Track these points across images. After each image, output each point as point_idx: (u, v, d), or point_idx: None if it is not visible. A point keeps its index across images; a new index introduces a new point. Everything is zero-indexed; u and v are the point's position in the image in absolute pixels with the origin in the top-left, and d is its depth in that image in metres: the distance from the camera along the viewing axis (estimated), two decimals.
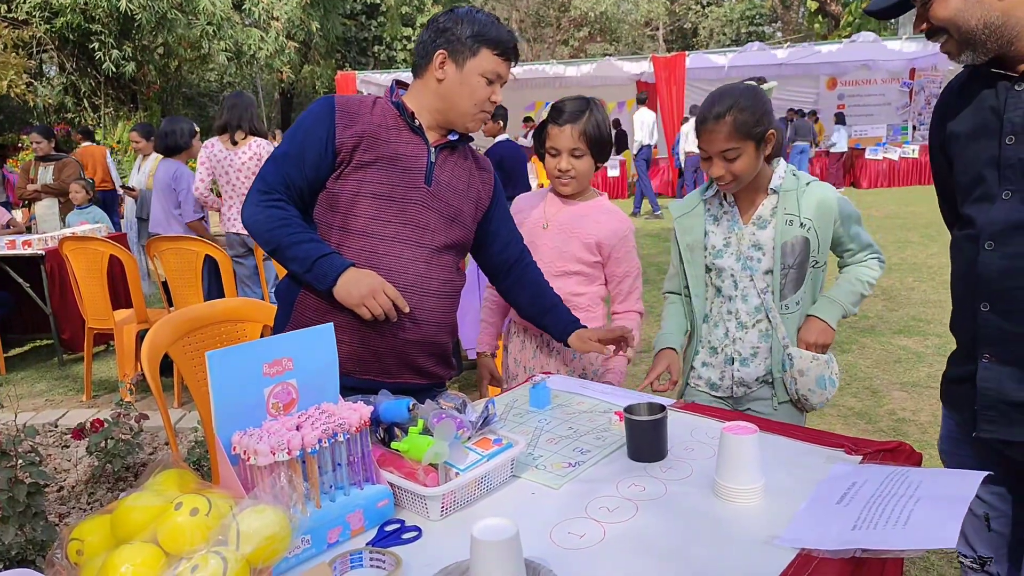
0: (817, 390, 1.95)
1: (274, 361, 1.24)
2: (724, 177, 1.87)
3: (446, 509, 1.29)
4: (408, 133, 1.79)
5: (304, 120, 1.76)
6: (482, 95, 1.77)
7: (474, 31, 1.74)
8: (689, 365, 2.10)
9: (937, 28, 1.41)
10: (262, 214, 1.70)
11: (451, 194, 1.82)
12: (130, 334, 4.45)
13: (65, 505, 3.20)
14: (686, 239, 2.06)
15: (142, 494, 1.09)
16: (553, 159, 2.12)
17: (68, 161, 6.96)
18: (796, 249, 1.92)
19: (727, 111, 1.82)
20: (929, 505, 1.12)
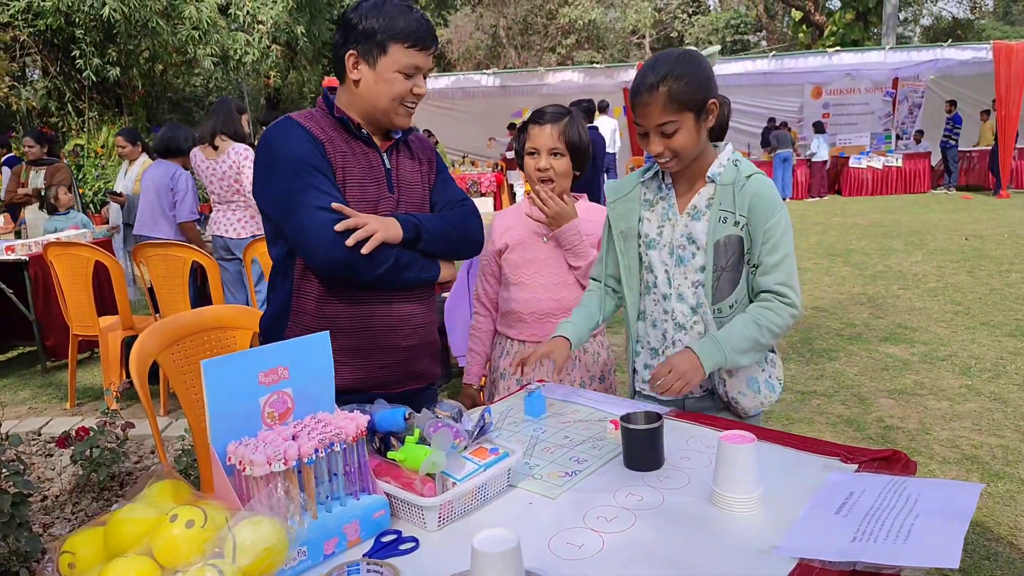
0: (748, 392, 1.78)
1: (269, 370, 1.23)
2: (663, 154, 1.71)
3: (443, 519, 1.28)
4: (360, 144, 1.76)
5: (292, 146, 1.67)
6: (400, 91, 1.70)
7: (381, 25, 1.66)
8: (631, 366, 1.96)
9: None
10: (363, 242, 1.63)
11: (412, 192, 1.83)
12: (115, 341, 4.40)
13: (49, 515, 3.15)
14: (620, 226, 1.89)
15: (135, 506, 1.07)
16: (532, 159, 2.12)
17: (60, 166, 6.89)
18: (730, 249, 1.73)
19: (661, 80, 1.64)
20: (930, 520, 1.12)
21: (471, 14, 25.28)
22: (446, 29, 24.82)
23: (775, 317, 1.71)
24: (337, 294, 1.73)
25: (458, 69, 23.11)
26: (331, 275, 1.70)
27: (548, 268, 2.15)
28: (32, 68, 15.93)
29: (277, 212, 1.70)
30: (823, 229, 10.49)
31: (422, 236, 1.75)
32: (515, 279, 2.20)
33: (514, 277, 2.20)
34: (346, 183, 1.71)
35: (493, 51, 25.94)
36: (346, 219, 1.63)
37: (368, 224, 1.64)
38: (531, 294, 2.18)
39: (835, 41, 21.82)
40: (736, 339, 1.69)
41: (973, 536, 2.66)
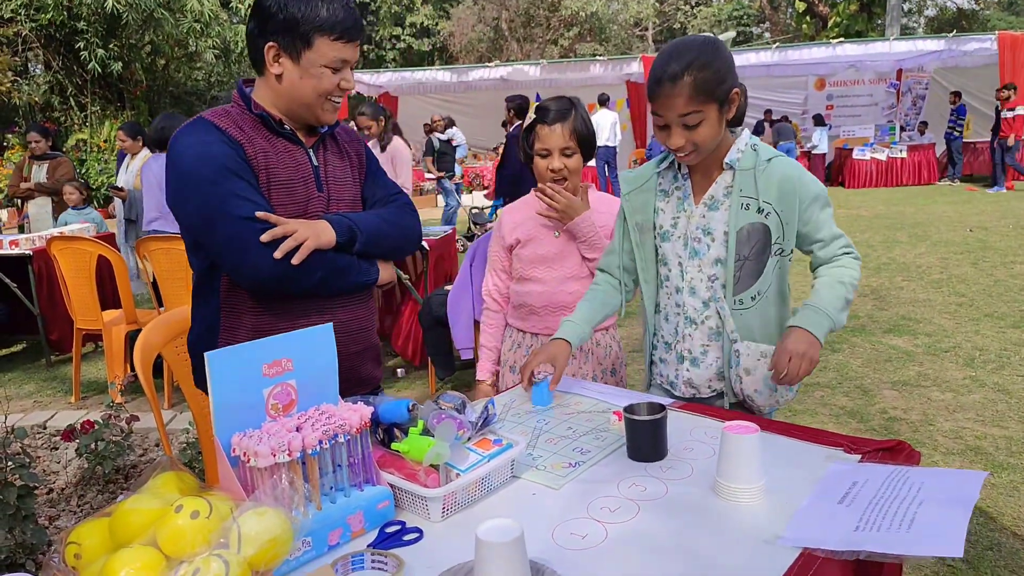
0: (765, 391, 1.74)
1: (273, 362, 1.23)
2: (684, 148, 1.65)
3: (447, 510, 1.29)
4: (283, 142, 1.64)
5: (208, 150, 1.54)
6: (328, 86, 1.59)
7: (303, 15, 1.52)
8: (649, 359, 1.94)
9: None
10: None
11: (343, 189, 1.73)
12: (119, 335, 4.41)
13: (55, 508, 3.17)
14: (636, 218, 1.85)
15: (141, 496, 1.08)
16: (544, 160, 2.08)
17: (62, 160, 6.90)
18: (754, 237, 1.68)
19: (685, 69, 1.57)
20: (933, 509, 1.12)
21: (473, 7, 25.20)
22: (448, 22, 24.75)
23: (852, 272, 1.71)
24: (271, 306, 1.62)
25: (460, 62, 23.06)
26: (261, 290, 1.58)
27: (561, 262, 2.14)
28: (34, 63, 15.93)
29: (195, 224, 1.57)
30: None
31: (357, 238, 1.64)
32: (528, 274, 2.18)
33: (527, 272, 2.18)
34: (271, 185, 1.59)
35: (495, 44, 25.87)
36: (272, 228, 1.52)
37: (297, 231, 1.53)
38: (545, 288, 2.16)
39: (839, 32, 21.73)
40: (832, 300, 1.66)
41: (977, 527, 2.66)
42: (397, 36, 23.33)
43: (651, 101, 1.66)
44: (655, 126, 1.71)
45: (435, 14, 24.36)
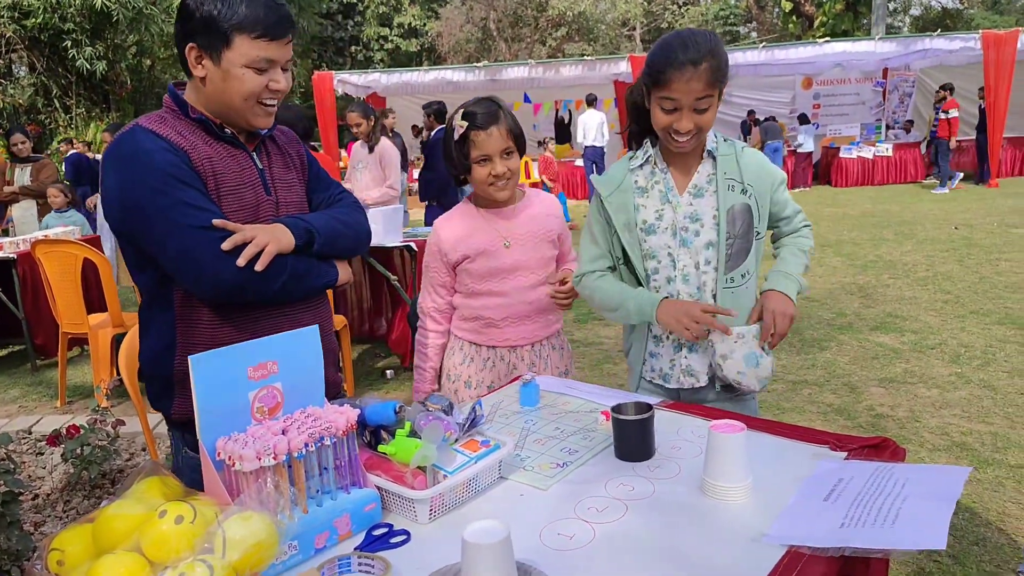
0: (748, 370, 1.78)
1: (259, 364, 1.23)
2: (692, 131, 1.72)
3: (434, 512, 1.28)
4: (225, 146, 1.57)
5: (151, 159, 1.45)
6: (253, 87, 1.50)
7: (221, 13, 1.44)
8: (640, 357, 1.96)
9: None
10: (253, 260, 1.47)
11: (289, 191, 1.68)
12: (105, 338, 4.38)
13: (40, 513, 3.14)
14: (620, 219, 1.86)
15: (124, 502, 1.07)
16: (484, 167, 1.95)
17: (46, 162, 6.84)
18: (741, 217, 1.77)
19: (705, 56, 1.64)
20: (917, 504, 1.13)
21: (461, 7, 25.19)
22: (436, 22, 24.73)
23: (809, 242, 1.94)
24: (230, 316, 1.55)
25: (448, 62, 23.03)
26: (222, 300, 1.51)
27: (517, 272, 2.05)
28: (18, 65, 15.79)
29: (144, 238, 1.48)
30: (814, 219, 10.50)
31: (315, 240, 1.59)
32: (482, 288, 2.07)
33: (480, 286, 2.07)
34: (220, 192, 1.52)
35: (483, 44, 25.87)
36: (230, 236, 1.45)
37: (257, 237, 1.47)
38: (505, 300, 2.07)
39: (825, 32, 21.86)
40: (795, 266, 1.88)
41: (962, 522, 2.68)
42: (385, 36, 23.27)
43: (663, 85, 1.69)
44: (659, 109, 1.73)
45: (423, 14, 24.34)
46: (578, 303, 2.18)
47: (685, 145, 1.75)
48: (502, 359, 2.12)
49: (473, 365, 2.13)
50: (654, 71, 1.71)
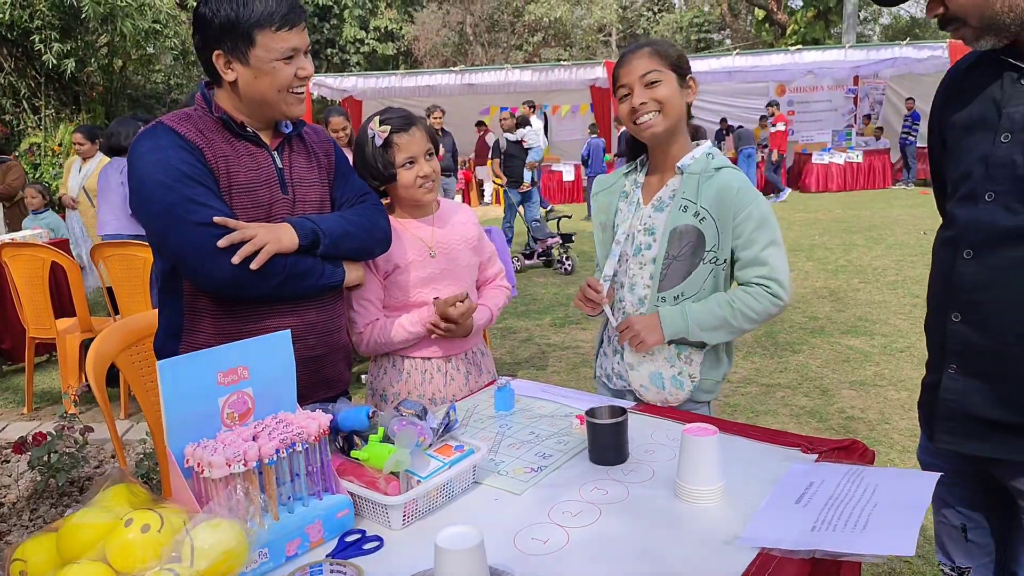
0: (652, 388, 1.80)
1: (229, 370, 1.21)
2: (648, 105, 1.72)
3: (408, 518, 1.27)
4: (246, 145, 1.62)
5: (166, 155, 1.52)
6: (285, 79, 1.56)
7: (238, 14, 1.49)
8: (597, 352, 2.02)
9: (952, 16, 1.30)
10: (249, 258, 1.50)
11: (308, 191, 1.70)
12: (73, 343, 4.30)
13: (6, 523, 3.07)
14: (600, 218, 1.94)
15: (89, 510, 1.05)
16: (410, 169, 1.89)
17: (13, 164, 6.71)
18: (685, 239, 1.74)
19: (643, 45, 1.78)
20: (887, 510, 1.14)
21: (437, 11, 25.15)
22: (413, 26, 24.67)
23: (752, 302, 1.73)
24: (234, 309, 1.60)
25: (425, 66, 22.99)
26: (218, 294, 1.57)
27: (446, 281, 1.96)
28: None
29: (155, 229, 1.55)
30: (787, 225, 10.64)
31: (320, 241, 1.62)
32: (413, 298, 1.94)
33: (411, 297, 1.94)
34: (232, 189, 1.57)
35: (460, 48, 25.86)
36: (230, 233, 1.49)
37: (257, 236, 1.51)
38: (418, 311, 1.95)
39: (797, 40, 22.16)
40: (704, 314, 1.74)
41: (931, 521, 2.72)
42: (361, 40, 23.14)
43: (616, 79, 1.79)
44: (619, 100, 1.79)
45: (400, 18, 24.26)
46: (554, 307, 2.14)
47: (650, 124, 1.73)
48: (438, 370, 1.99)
49: (406, 380, 1.97)
50: (613, 77, 1.81)
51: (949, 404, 1.42)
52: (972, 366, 1.38)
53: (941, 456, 1.50)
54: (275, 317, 1.62)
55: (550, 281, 7.67)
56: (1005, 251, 1.30)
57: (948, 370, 1.41)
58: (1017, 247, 1.29)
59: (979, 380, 1.37)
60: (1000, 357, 1.33)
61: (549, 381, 2.17)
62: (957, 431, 1.42)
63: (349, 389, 1.87)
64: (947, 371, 1.41)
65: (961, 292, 1.37)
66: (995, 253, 1.31)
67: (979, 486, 1.50)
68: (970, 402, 1.38)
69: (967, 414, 1.39)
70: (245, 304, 1.60)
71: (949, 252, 1.40)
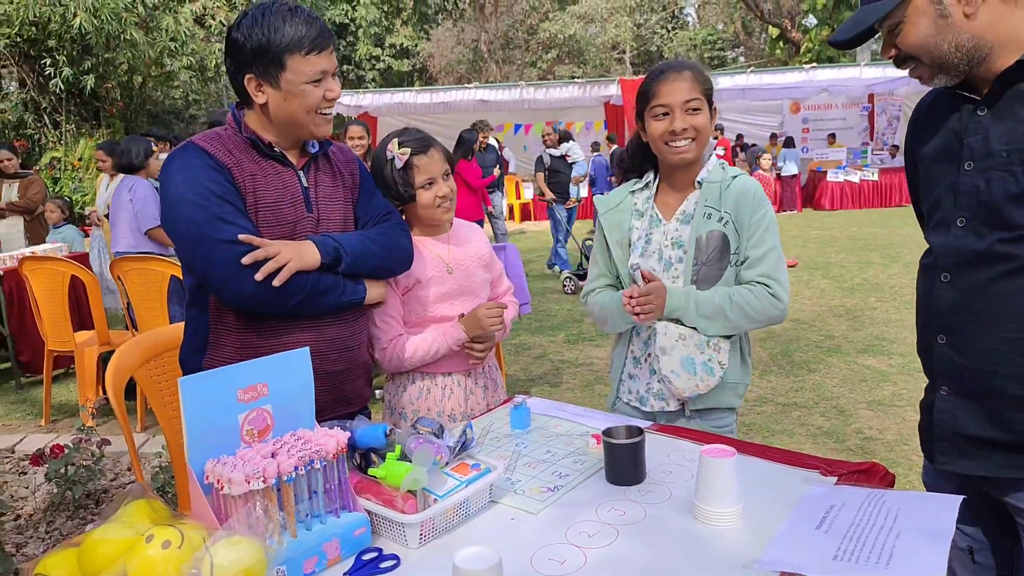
0: (683, 373, 1.80)
1: (248, 387, 1.22)
2: (687, 132, 1.77)
3: (425, 536, 1.27)
4: (272, 164, 1.67)
5: (195, 174, 1.57)
6: (313, 101, 1.60)
7: (269, 39, 1.53)
8: (618, 376, 1.98)
9: (907, 55, 1.39)
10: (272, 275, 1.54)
11: (332, 210, 1.73)
12: (91, 356, 4.34)
13: (23, 534, 3.09)
14: (614, 236, 1.94)
15: (110, 526, 1.06)
16: (430, 190, 1.91)
17: (34, 179, 6.79)
18: (711, 244, 1.79)
19: (686, 67, 1.80)
20: (912, 539, 1.13)
21: (453, 28, 25.40)
22: (428, 43, 24.91)
23: (752, 298, 1.78)
24: (257, 323, 1.64)
25: (440, 83, 23.18)
26: (242, 310, 1.62)
27: (463, 297, 1.98)
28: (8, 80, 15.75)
29: (183, 246, 1.60)
30: (802, 242, 10.60)
31: (343, 259, 1.66)
32: (432, 313, 1.96)
33: (429, 312, 1.95)
34: (258, 207, 1.62)
35: (475, 65, 26.06)
36: (254, 251, 1.53)
37: (280, 253, 1.55)
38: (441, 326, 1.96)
39: (811, 58, 22.16)
40: (705, 301, 1.78)
41: None
42: (377, 57, 23.38)
43: (651, 97, 1.81)
44: (653, 120, 1.81)
45: (415, 35, 24.50)
46: (568, 323, 2.14)
47: (685, 151, 1.80)
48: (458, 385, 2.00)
49: (428, 397, 1.98)
50: (643, 90, 1.82)
51: (942, 425, 1.46)
52: (960, 386, 1.43)
53: (943, 478, 1.53)
54: (297, 332, 1.65)
55: (564, 297, 7.66)
56: (978, 273, 1.37)
57: (940, 392, 1.47)
58: (988, 268, 1.35)
59: (967, 399, 1.42)
60: (983, 375, 1.38)
61: (563, 398, 2.16)
62: (952, 451, 1.46)
63: (368, 406, 1.88)
64: (939, 392, 1.47)
65: (942, 315, 1.44)
66: (969, 276, 1.38)
67: (982, 507, 1.51)
68: (961, 422, 1.43)
69: (958, 433, 1.44)
70: (268, 319, 1.64)
71: (929, 277, 1.48)
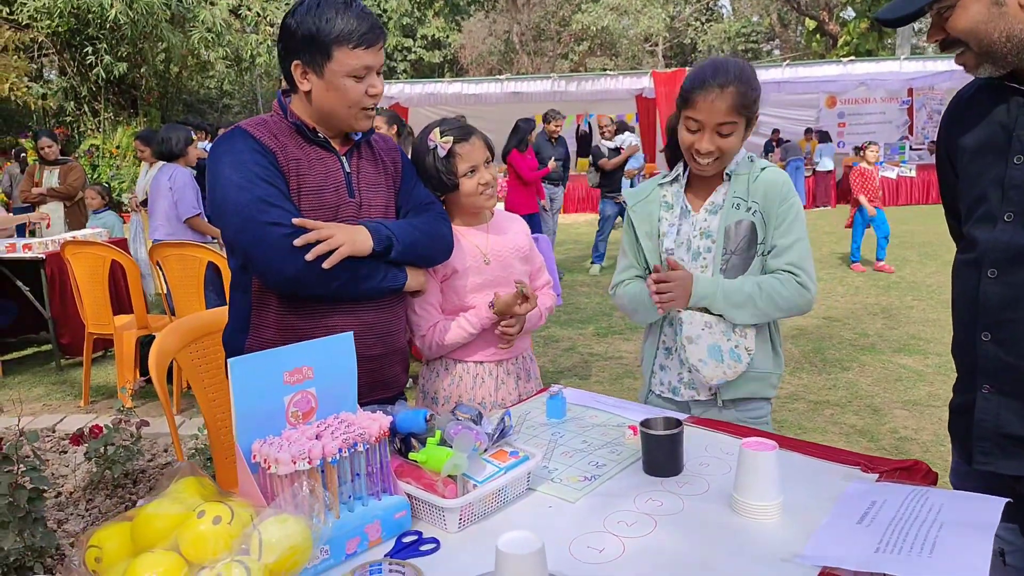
0: (710, 361, 1.80)
1: (294, 369, 1.24)
2: (712, 153, 1.75)
3: (464, 521, 1.28)
4: (316, 149, 1.69)
5: (240, 158, 1.60)
6: (355, 96, 1.62)
7: (319, 29, 1.55)
8: (649, 368, 1.98)
9: (954, 40, 1.34)
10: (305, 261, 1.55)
11: (375, 196, 1.75)
12: (130, 340, 4.43)
13: (63, 511, 3.17)
14: (643, 228, 1.94)
15: (162, 501, 1.08)
16: (472, 178, 1.93)
17: (74, 165, 6.95)
18: (740, 233, 1.80)
19: (731, 82, 1.69)
20: (954, 532, 1.11)
21: (484, 20, 25.37)
22: (459, 34, 24.91)
23: (780, 287, 1.77)
24: (297, 305, 1.66)
25: (471, 74, 23.19)
26: (283, 291, 1.64)
27: (499, 288, 1.98)
28: (49, 69, 16.09)
29: (228, 226, 1.63)
30: (836, 239, 10.44)
31: (394, 247, 1.68)
32: (468, 302, 1.97)
33: (466, 301, 1.97)
34: (301, 191, 1.64)
35: (506, 57, 26.01)
36: (306, 232, 1.56)
37: (334, 236, 1.57)
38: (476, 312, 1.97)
39: (849, 51, 21.76)
40: (733, 290, 1.77)
41: None
42: (408, 48, 23.45)
43: (688, 105, 1.75)
44: (685, 129, 1.79)
45: (447, 26, 24.52)
46: (598, 316, 2.14)
47: (706, 168, 1.79)
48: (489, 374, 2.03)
49: (459, 384, 2.01)
50: (684, 91, 1.78)
51: (983, 424, 1.43)
52: (1005, 385, 1.39)
53: (973, 478, 1.49)
54: (336, 316, 1.68)
55: (593, 291, 7.64)
56: None
57: (981, 390, 1.43)
58: None
59: (1012, 399, 1.39)
60: None
61: (592, 391, 2.15)
62: (993, 451, 1.42)
63: (405, 392, 1.90)
64: (980, 391, 1.43)
65: (989, 311, 1.39)
66: (1018, 271, 1.35)
67: (1014, 508, 1.47)
68: (1004, 421, 1.40)
69: (1002, 433, 1.40)
70: (308, 302, 1.66)
71: (972, 273, 1.43)
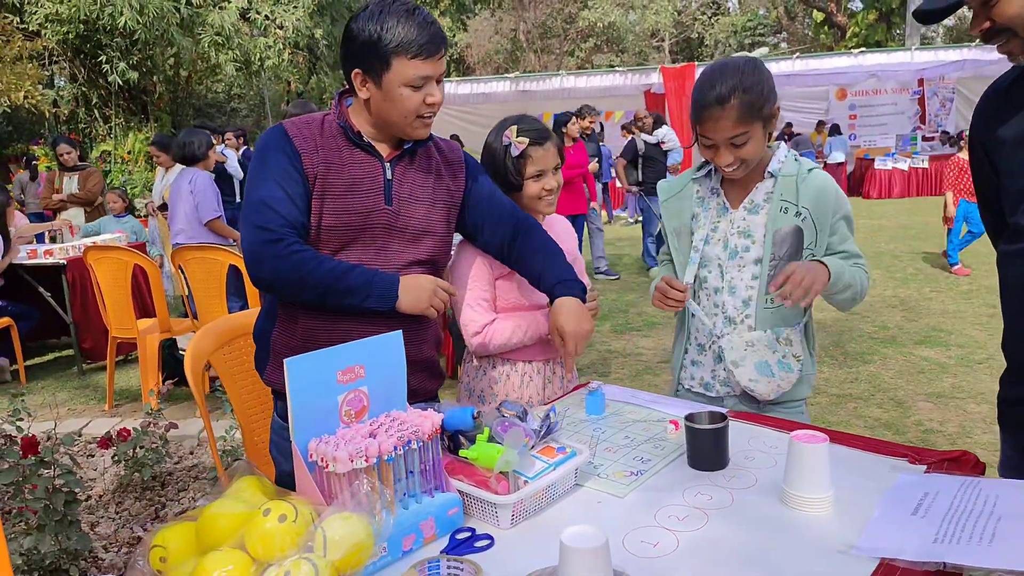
0: (761, 378, 1.80)
1: (347, 368, 1.25)
2: (733, 164, 1.73)
3: (516, 517, 1.29)
4: (360, 152, 1.66)
5: (264, 156, 1.62)
6: (412, 105, 1.58)
7: (380, 37, 1.53)
8: (679, 363, 1.98)
9: (1000, 28, 1.31)
10: (288, 263, 1.54)
11: (415, 206, 1.70)
12: (153, 343, 4.46)
13: (94, 514, 3.20)
14: (673, 223, 1.92)
15: (224, 500, 1.09)
16: (538, 182, 1.95)
17: (93, 170, 7.00)
18: (788, 239, 1.78)
19: (731, 92, 1.65)
20: (1014, 523, 1.11)
21: (490, 18, 25.35)
22: (465, 33, 24.90)
23: (862, 276, 1.81)
24: (315, 308, 1.63)
25: (477, 73, 23.19)
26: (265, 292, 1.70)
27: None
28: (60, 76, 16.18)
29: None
30: None
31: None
32: (523, 301, 1.99)
33: (522, 300, 1.99)
34: (325, 195, 1.61)
35: (512, 55, 26.00)
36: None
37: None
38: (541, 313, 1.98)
39: (857, 42, 21.66)
40: (845, 271, 1.75)
41: None
42: None
43: (698, 124, 1.74)
44: (702, 146, 1.78)
45: (452, 26, 24.53)
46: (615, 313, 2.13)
47: (734, 174, 1.78)
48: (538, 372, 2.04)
49: (506, 383, 2.02)
50: (693, 106, 1.76)
51: None
52: None
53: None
54: (355, 322, 1.61)
55: (609, 287, 7.64)
56: None
57: None
58: None
59: None
60: None
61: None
62: None
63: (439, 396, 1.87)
64: None
65: None
66: None
67: None
68: None
69: None
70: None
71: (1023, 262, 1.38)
